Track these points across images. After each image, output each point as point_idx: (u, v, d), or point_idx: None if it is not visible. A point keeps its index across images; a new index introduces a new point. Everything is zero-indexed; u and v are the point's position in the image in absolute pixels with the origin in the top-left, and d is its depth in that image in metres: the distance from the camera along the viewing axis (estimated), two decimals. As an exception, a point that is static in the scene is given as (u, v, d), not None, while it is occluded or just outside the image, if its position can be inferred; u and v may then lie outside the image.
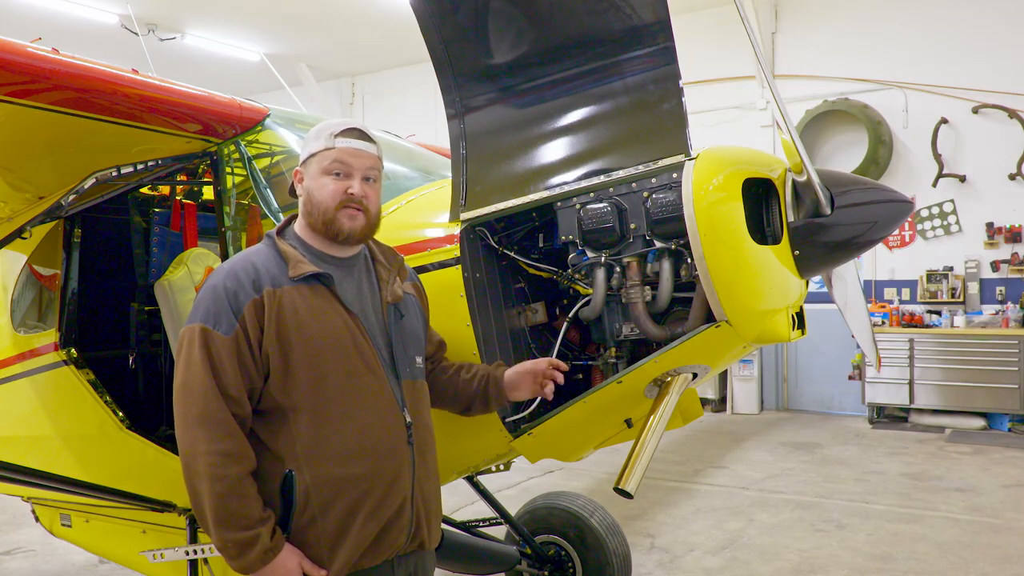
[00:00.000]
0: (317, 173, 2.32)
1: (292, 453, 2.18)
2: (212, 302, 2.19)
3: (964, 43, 10.13)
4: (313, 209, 2.32)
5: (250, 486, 2.12)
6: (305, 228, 2.37)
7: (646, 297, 2.61)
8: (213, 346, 2.14)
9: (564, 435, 2.81)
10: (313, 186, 2.33)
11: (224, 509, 2.08)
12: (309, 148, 2.36)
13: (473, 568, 3.90)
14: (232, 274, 2.23)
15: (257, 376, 2.18)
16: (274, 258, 2.29)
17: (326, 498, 2.18)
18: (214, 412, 2.11)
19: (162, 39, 12.15)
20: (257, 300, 2.19)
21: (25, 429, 3.99)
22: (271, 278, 2.23)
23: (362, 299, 2.35)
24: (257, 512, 2.11)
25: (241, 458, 2.12)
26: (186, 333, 2.19)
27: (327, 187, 2.31)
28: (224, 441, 2.10)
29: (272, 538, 2.11)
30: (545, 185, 2.73)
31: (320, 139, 2.34)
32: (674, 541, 5.72)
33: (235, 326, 2.16)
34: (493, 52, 2.86)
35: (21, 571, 5.38)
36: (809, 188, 2.52)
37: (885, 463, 8.06)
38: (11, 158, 3.35)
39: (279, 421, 2.21)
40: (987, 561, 5.26)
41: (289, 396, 2.19)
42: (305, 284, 2.25)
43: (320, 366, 2.20)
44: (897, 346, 9.88)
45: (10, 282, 4.12)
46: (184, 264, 3.75)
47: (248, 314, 2.17)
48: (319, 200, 2.31)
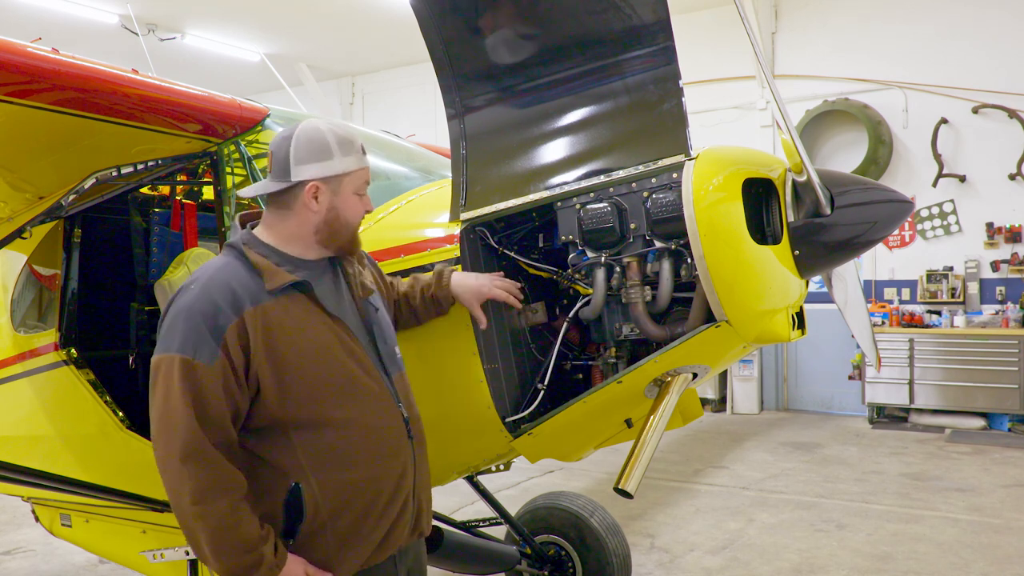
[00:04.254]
0: (349, 193, 2.27)
1: (297, 465, 2.14)
2: (187, 329, 2.06)
3: (964, 43, 10.12)
4: (340, 228, 2.27)
5: (242, 511, 2.05)
6: (282, 237, 2.27)
7: (646, 297, 2.61)
8: (194, 377, 2.03)
9: (564, 435, 2.82)
10: (344, 206, 2.26)
11: (221, 542, 2.03)
12: (339, 164, 2.24)
13: (473, 568, 3.89)
14: (205, 296, 2.10)
15: (243, 399, 2.11)
16: (246, 271, 2.18)
17: (337, 505, 2.16)
18: (196, 447, 2.02)
19: (162, 39, 12.15)
20: (238, 323, 2.08)
21: (25, 429, 3.99)
22: (249, 295, 2.12)
23: (340, 301, 2.31)
24: (255, 533, 2.05)
25: (229, 488, 2.04)
26: (162, 363, 2.07)
27: (355, 208, 2.28)
28: (209, 475, 2.02)
29: (276, 553, 2.08)
30: (545, 185, 2.74)
31: (351, 156, 2.26)
32: (674, 541, 5.72)
33: (218, 353, 2.05)
34: (493, 52, 2.86)
35: (21, 571, 5.38)
36: (809, 188, 2.52)
37: (885, 463, 8.06)
38: (11, 158, 3.34)
39: (278, 435, 2.16)
40: (987, 561, 5.26)
41: (287, 411, 2.13)
42: (284, 295, 2.17)
43: (315, 378, 2.15)
44: (897, 346, 9.88)
45: (10, 282, 4.12)
46: (184, 264, 3.75)
47: (231, 338, 2.07)
48: (349, 221, 2.28)
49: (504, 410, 2.78)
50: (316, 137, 2.25)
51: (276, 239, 2.27)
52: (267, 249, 2.25)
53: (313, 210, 2.25)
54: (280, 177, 2.25)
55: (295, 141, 2.24)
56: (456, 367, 2.82)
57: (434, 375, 2.86)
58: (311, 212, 2.25)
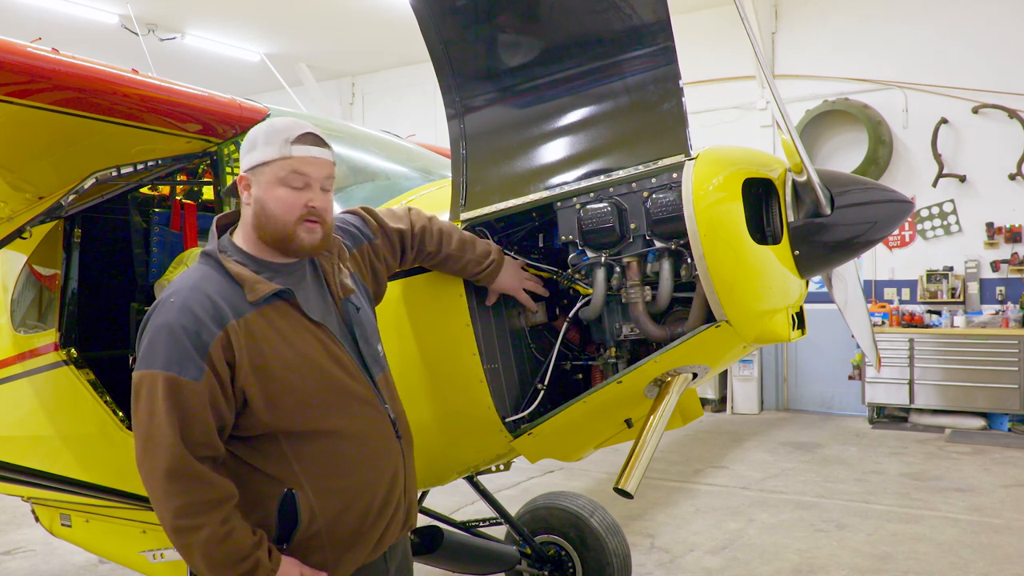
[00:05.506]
0: (271, 183, 2.13)
1: (290, 473, 2.12)
2: (171, 345, 2.00)
3: (964, 43, 10.12)
4: (267, 223, 2.15)
5: (234, 522, 2.01)
6: (251, 240, 2.20)
7: (646, 297, 2.61)
8: (180, 395, 1.98)
9: (564, 435, 2.81)
10: (267, 197, 2.14)
11: (214, 554, 1.99)
12: (260, 154, 2.15)
13: (473, 568, 3.89)
14: (186, 310, 2.03)
15: (229, 413, 2.06)
16: (225, 282, 2.11)
17: (333, 512, 2.15)
18: (183, 465, 1.98)
19: (162, 39, 12.15)
20: (222, 336, 2.02)
21: (25, 429, 3.99)
22: (231, 307, 2.06)
23: (322, 305, 2.25)
24: (248, 540, 2.02)
25: (218, 502, 2.00)
26: (144, 380, 2.01)
27: (284, 200, 2.13)
28: (197, 492, 1.98)
29: (271, 558, 2.06)
30: (545, 185, 2.74)
31: (273, 144, 2.14)
32: (674, 541, 5.72)
33: (204, 368, 1.99)
34: (493, 52, 2.86)
35: (21, 571, 5.38)
36: (809, 188, 2.52)
37: (885, 463, 8.06)
38: (11, 158, 3.34)
39: (269, 444, 2.12)
40: (987, 561, 5.26)
41: (276, 421, 2.10)
42: (267, 305, 2.11)
43: (303, 389, 2.11)
44: (897, 346, 9.88)
45: (10, 282, 4.12)
46: (184, 264, 3.74)
47: (215, 354, 2.01)
48: (275, 214, 2.14)
49: (504, 410, 2.78)
50: (252, 132, 2.21)
51: (245, 243, 2.21)
52: (243, 256, 2.18)
53: (247, 203, 2.19)
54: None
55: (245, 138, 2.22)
56: (456, 367, 2.81)
57: (434, 375, 2.86)
58: (247, 207, 2.19)
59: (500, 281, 2.76)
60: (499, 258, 2.74)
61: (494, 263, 2.72)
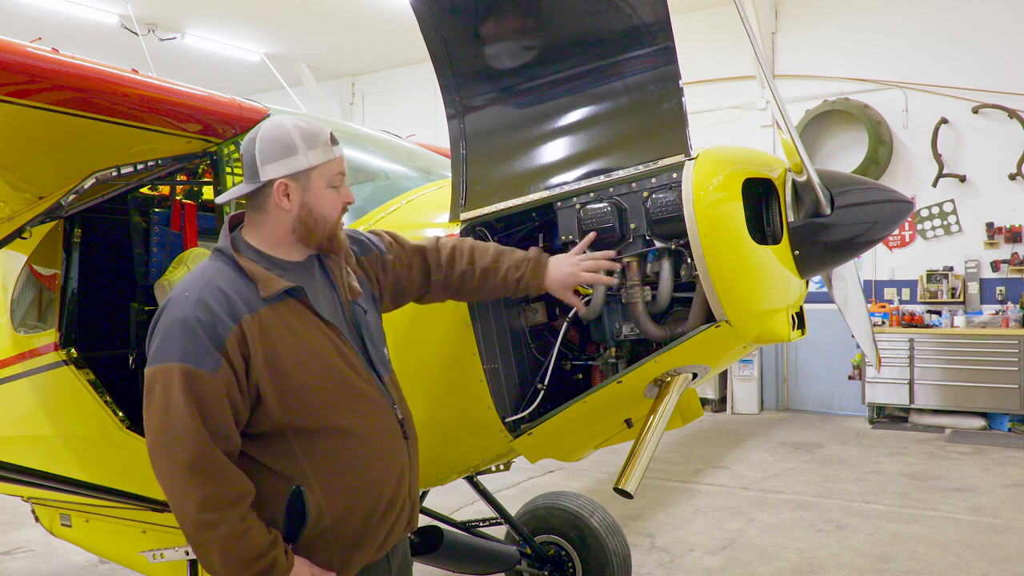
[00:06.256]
0: (321, 187, 2.19)
1: (300, 471, 2.13)
2: (187, 338, 2.01)
3: (964, 43, 10.12)
4: (317, 225, 2.20)
5: (251, 519, 2.02)
6: (268, 239, 2.22)
7: (646, 297, 2.61)
8: (198, 387, 1.98)
9: (564, 435, 2.82)
10: (316, 201, 2.19)
11: (234, 552, 1.99)
12: (304, 159, 2.17)
13: (473, 568, 3.90)
14: (201, 304, 2.04)
15: (244, 407, 2.07)
16: (239, 278, 2.13)
17: (341, 511, 2.15)
18: (204, 458, 1.97)
19: (162, 39, 12.15)
20: (237, 331, 2.04)
21: (25, 429, 3.99)
22: (245, 303, 2.08)
23: (332, 305, 2.27)
24: (265, 539, 2.03)
25: (238, 497, 2.01)
26: (159, 375, 2.01)
27: (331, 201, 2.21)
28: (218, 485, 1.98)
29: (286, 556, 2.07)
30: (545, 185, 2.74)
31: (317, 149, 2.18)
32: (674, 541, 5.72)
33: (221, 361, 2.01)
34: (493, 52, 2.86)
35: (21, 571, 5.38)
36: (809, 188, 2.52)
37: (885, 463, 8.06)
38: (11, 158, 3.34)
39: (279, 441, 2.13)
40: (987, 561, 5.26)
41: (288, 417, 2.11)
42: (280, 302, 2.13)
43: (314, 387, 2.13)
44: (897, 346, 9.88)
45: (10, 282, 4.12)
46: (184, 264, 3.74)
47: (231, 347, 2.03)
48: (325, 215, 2.20)
49: (504, 410, 2.78)
50: (279, 135, 2.18)
51: (260, 242, 2.22)
52: (255, 254, 2.20)
53: (285, 209, 2.19)
54: (251, 179, 2.19)
55: (259, 141, 2.19)
56: (456, 367, 2.81)
57: (434, 375, 2.86)
58: (283, 211, 2.19)
59: (548, 281, 2.61)
60: (537, 255, 2.63)
61: (531, 260, 2.60)
